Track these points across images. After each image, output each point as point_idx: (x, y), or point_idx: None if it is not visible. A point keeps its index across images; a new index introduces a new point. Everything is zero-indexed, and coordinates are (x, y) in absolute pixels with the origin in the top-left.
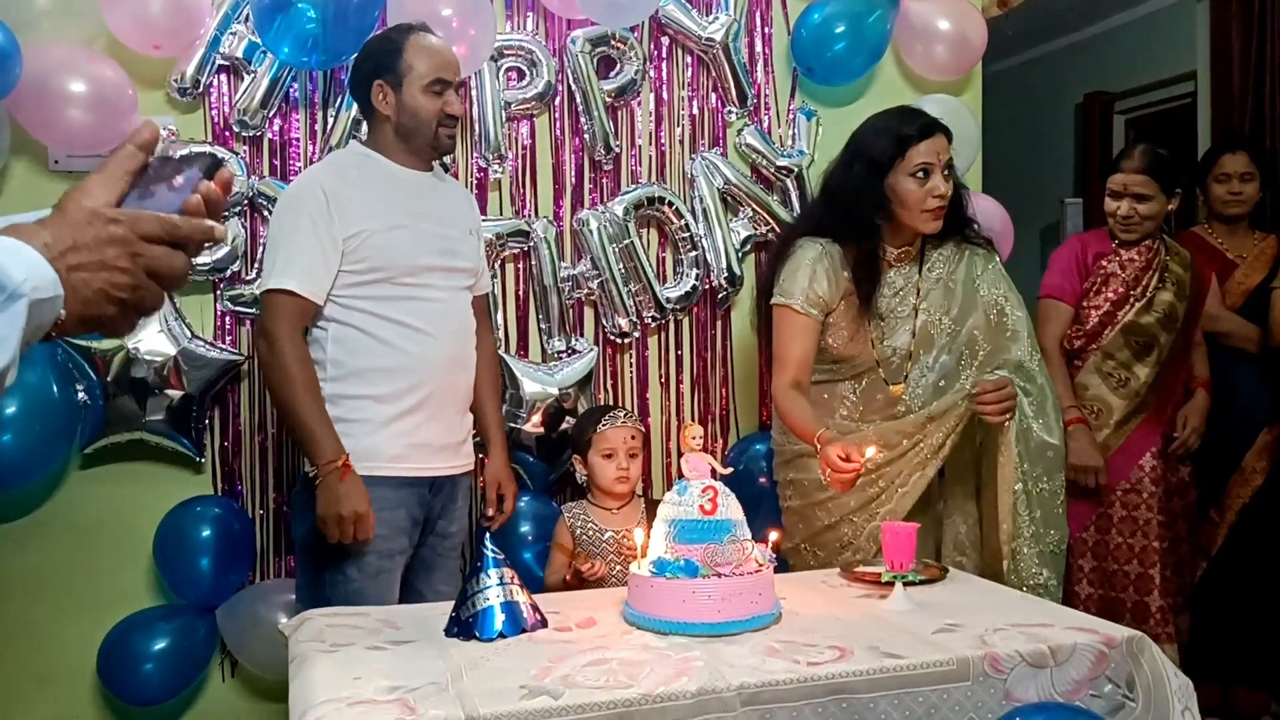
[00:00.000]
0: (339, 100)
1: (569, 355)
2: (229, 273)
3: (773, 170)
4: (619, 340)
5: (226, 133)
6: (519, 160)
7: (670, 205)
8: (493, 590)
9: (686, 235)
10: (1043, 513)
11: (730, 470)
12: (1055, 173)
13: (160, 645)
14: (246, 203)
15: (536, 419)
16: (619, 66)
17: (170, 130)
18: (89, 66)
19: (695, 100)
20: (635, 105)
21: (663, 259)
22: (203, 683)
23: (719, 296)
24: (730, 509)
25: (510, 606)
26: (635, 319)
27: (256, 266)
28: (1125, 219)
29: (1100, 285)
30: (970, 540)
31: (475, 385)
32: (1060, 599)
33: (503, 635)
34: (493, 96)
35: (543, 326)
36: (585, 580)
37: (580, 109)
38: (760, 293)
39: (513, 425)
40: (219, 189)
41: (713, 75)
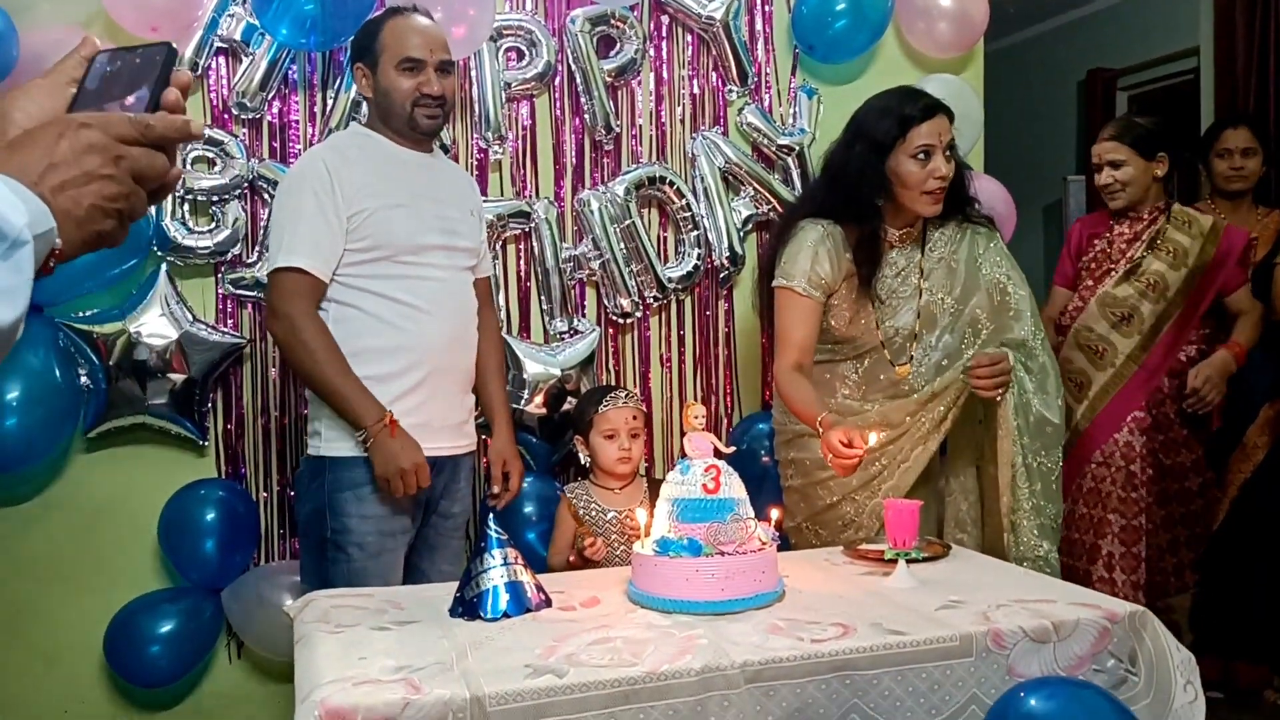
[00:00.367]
0: (338, 82)
1: (571, 336)
2: (230, 256)
3: (774, 149)
4: (621, 320)
5: (225, 115)
6: (519, 141)
7: (671, 185)
8: (497, 570)
9: (688, 215)
10: (1042, 486)
11: (733, 449)
12: (1058, 150)
13: (166, 627)
14: (246, 185)
15: (539, 400)
16: (619, 46)
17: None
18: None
19: (696, 79)
20: (635, 85)
21: (664, 239)
22: (209, 664)
23: (721, 276)
24: (733, 488)
25: (514, 586)
26: (637, 299)
27: (258, 249)
28: (1105, 187)
29: (1090, 262)
30: (972, 517)
31: (479, 366)
32: (1059, 571)
33: (507, 615)
34: (492, 77)
35: (544, 307)
36: (589, 561)
37: (580, 89)
38: (762, 273)
39: (515, 406)
40: (178, 93)
41: (713, 54)
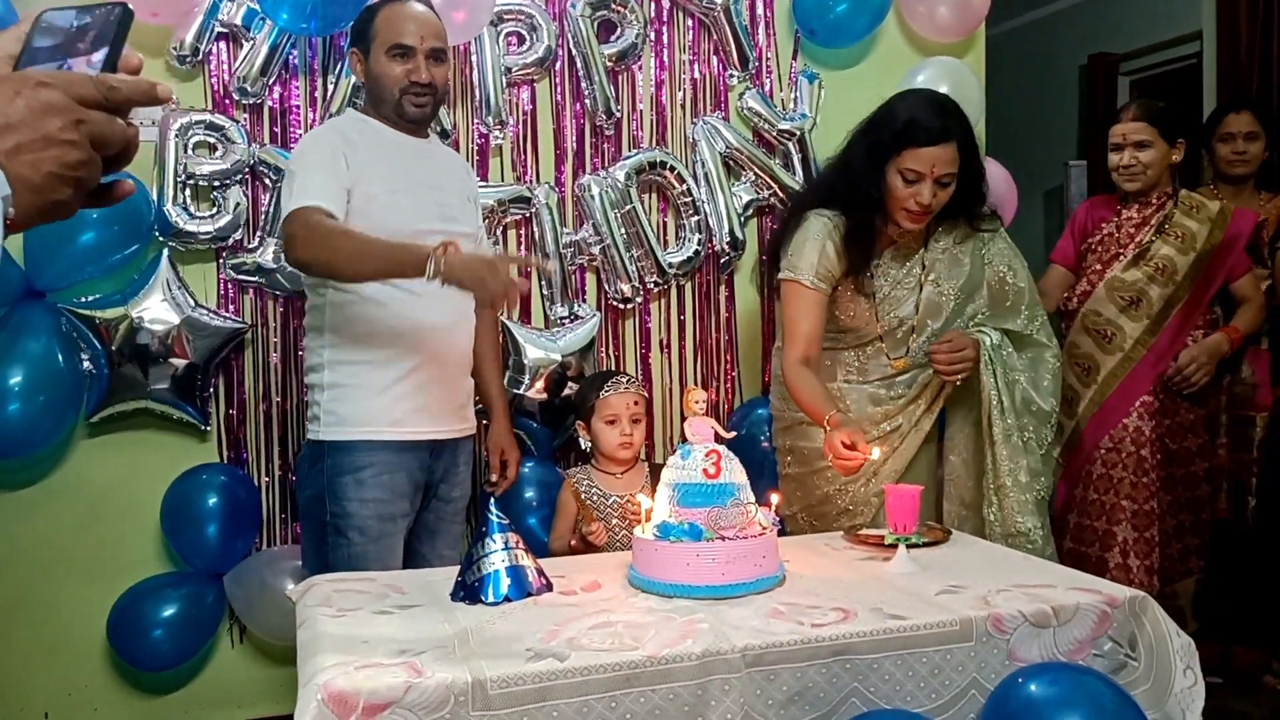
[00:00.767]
0: (339, 67)
1: (571, 321)
2: (231, 241)
3: (775, 134)
4: (621, 306)
5: (226, 100)
6: (520, 126)
7: (672, 170)
8: (498, 555)
9: (688, 200)
10: (1028, 461)
11: (733, 434)
12: (1059, 135)
13: (169, 612)
14: (248, 171)
15: (540, 385)
16: (619, 30)
17: (170, 99)
18: None
19: (696, 64)
20: (636, 69)
21: (665, 224)
22: (211, 649)
23: (721, 261)
24: (733, 472)
25: (515, 571)
26: (638, 284)
27: (259, 234)
28: (1127, 168)
29: (1096, 245)
30: (970, 502)
31: (475, 352)
32: (1046, 549)
33: (508, 599)
34: (493, 62)
35: (545, 292)
36: (590, 545)
37: (581, 74)
38: (770, 259)
39: (516, 392)
40: (139, 55)
41: (714, 38)
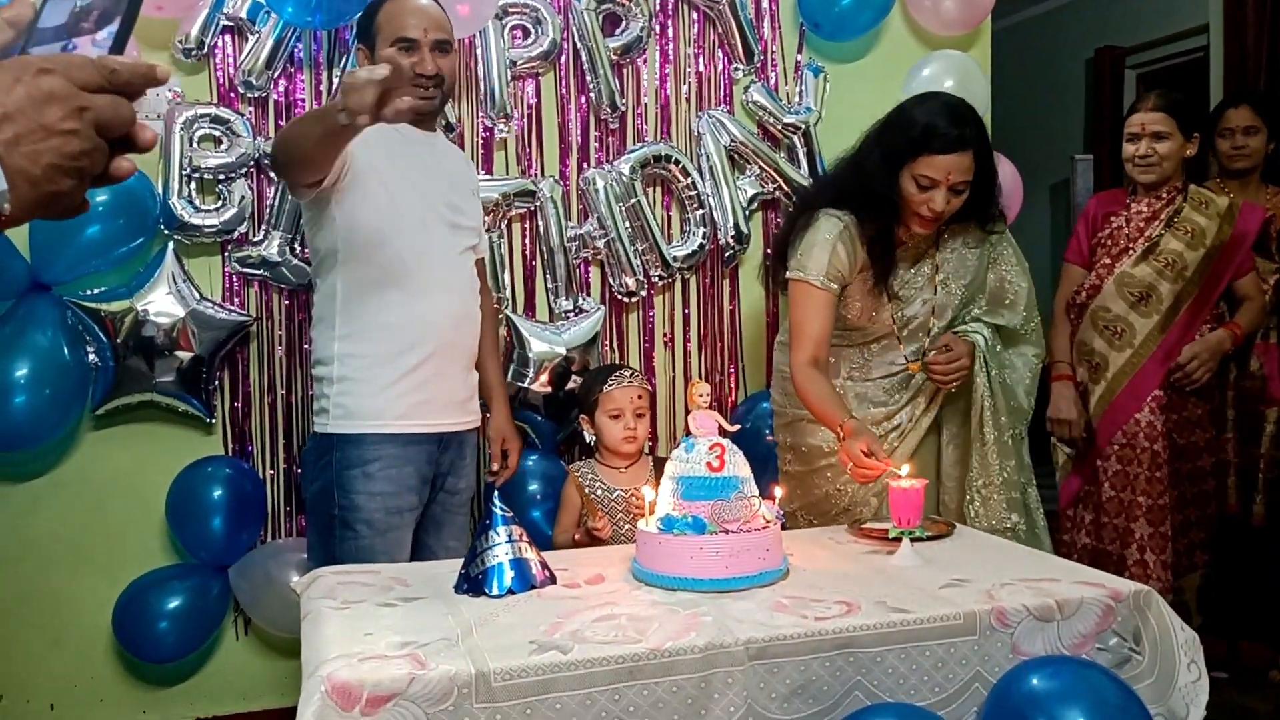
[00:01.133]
0: (343, 61)
1: (576, 315)
2: (236, 234)
3: (780, 127)
4: (626, 299)
5: (231, 94)
6: (524, 119)
7: (677, 164)
8: (501, 547)
9: (693, 194)
10: (1016, 461)
11: (737, 427)
12: (1065, 129)
13: (174, 604)
14: (253, 164)
15: (544, 378)
16: (624, 24)
17: (175, 92)
18: None
19: (701, 57)
20: (641, 63)
21: (669, 217)
22: (216, 641)
23: (726, 255)
24: (737, 466)
25: (519, 563)
26: (642, 278)
27: (264, 228)
28: (1143, 158)
29: (1105, 239)
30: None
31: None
32: (1021, 539)
33: (512, 592)
34: (498, 55)
35: (549, 286)
36: (595, 539)
37: (586, 67)
38: (775, 256)
39: (520, 385)
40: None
41: (719, 31)
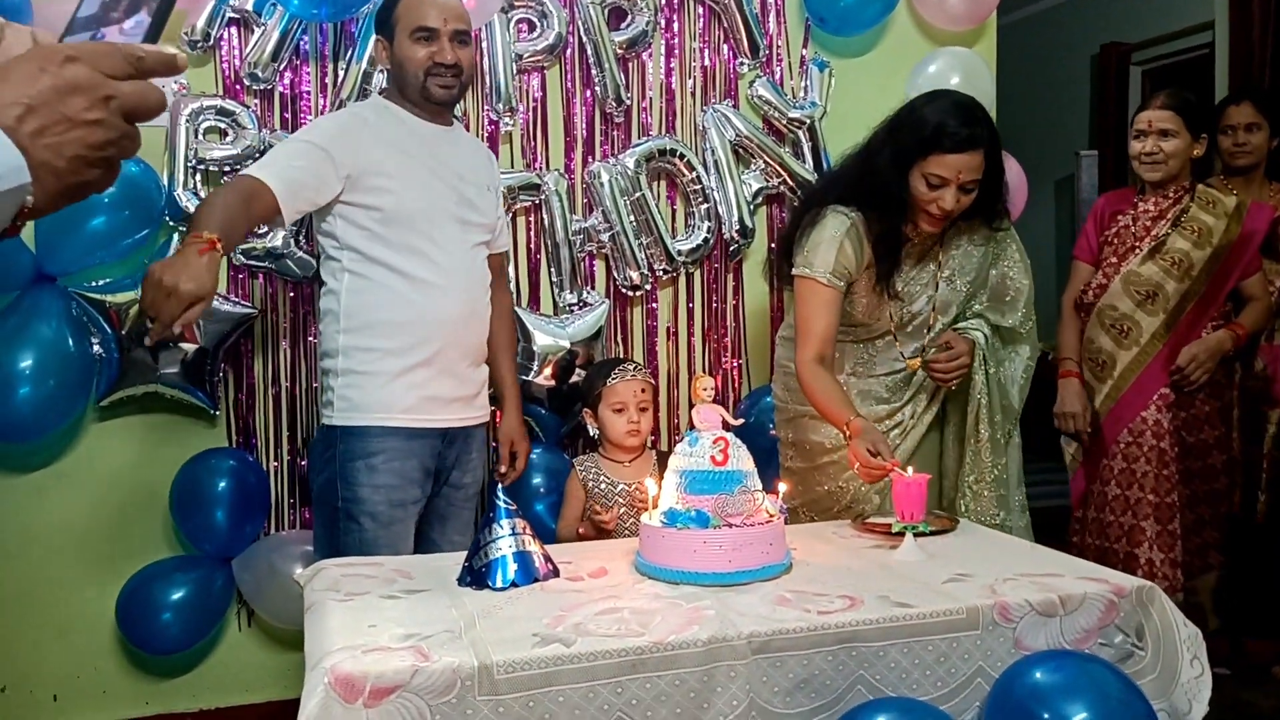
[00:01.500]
0: (349, 53)
1: (580, 308)
2: None
3: (785, 122)
4: (630, 293)
5: (237, 86)
6: (530, 113)
7: (682, 158)
8: (505, 540)
9: (698, 188)
10: (1008, 460)
11: (741, 421)
12: (1070, 125)
13: (178, 595)
14: (258, 156)
15: (548, 372)
16: (630, 18)
17: (181, 84)
18: None
19: (707, 51)
20: (646, 57)
21: (674, 212)
22: (220, 632)
23: (731, 249)
24: (741, 460)
25: (522, 556)
26: (647, 272)
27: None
28: (1149, 155)
29: (1112, 238)
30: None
31: (490, 342)
32: (1021, 537)
33: (515, 585)
34: (503, 49)
35: (554, 279)
36: (600, 532)
37: (591, 61)
38: (780, 252)
39: (524, 378)
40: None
41: (724, 26)
